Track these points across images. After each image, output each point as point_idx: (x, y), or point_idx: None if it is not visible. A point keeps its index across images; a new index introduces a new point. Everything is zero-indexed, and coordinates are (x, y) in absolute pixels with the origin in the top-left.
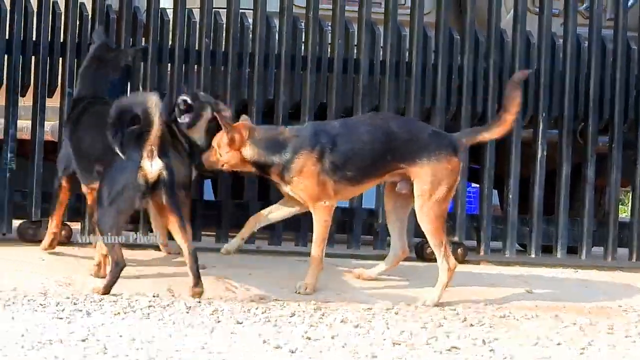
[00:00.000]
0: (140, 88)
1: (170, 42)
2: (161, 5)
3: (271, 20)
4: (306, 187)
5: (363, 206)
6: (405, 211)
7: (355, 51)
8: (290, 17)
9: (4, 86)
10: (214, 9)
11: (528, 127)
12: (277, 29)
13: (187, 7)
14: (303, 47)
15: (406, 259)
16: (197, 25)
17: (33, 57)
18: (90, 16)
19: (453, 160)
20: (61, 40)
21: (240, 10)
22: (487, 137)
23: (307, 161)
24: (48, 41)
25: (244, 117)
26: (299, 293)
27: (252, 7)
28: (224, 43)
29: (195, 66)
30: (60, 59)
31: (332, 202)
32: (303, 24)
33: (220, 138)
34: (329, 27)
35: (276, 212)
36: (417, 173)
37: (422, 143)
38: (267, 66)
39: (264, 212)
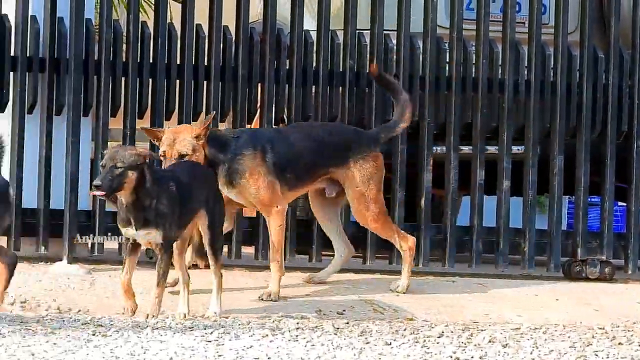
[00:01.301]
0: (285, 111)
1: (314, 64)
2: (305, 27)
3: (415, 41)
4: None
5: (510, 225)
6: (335, 212)
7: (499, 71)
8: (434, 38)
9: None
10: (357, 30)
11: None
12: (421, 50)
13: (330, 28)
14: (447, 68)
15: (554, 278)
16: (341, 47)
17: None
18: (233, 39)
19: (377, 156)
20: (205, 64)
21: (384, 32)
22: (400, 129)
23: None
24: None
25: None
26: (262, 299)
27: (395, 29)
28: (367, 64)
29: (340, 88)
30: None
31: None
32: (447, 45)
33: (190, 143)
34: (473, 47)
35: None
36: (346, 175)
37: (347, 145)
38: (411, 87)
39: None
